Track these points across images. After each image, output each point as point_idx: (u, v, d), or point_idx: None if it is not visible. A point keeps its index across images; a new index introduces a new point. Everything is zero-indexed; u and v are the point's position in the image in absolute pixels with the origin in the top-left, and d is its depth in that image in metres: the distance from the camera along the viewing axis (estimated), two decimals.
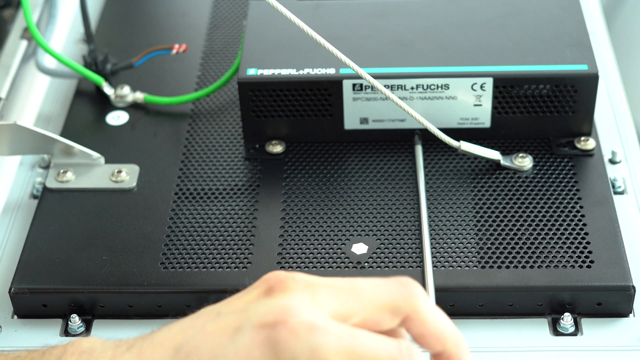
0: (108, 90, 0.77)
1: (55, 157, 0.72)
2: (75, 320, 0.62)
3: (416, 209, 0.67)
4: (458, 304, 0.62)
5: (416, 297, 0.48)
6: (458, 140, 0.69)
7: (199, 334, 0.47)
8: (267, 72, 0.70)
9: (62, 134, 0.74)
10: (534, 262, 0.62)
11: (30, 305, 0.63)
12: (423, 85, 0.69)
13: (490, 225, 0.65)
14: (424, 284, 0.61)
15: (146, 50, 0.78)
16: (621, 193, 0.70)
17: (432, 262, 0.63)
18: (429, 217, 0.66)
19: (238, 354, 0.46)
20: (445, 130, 0.69)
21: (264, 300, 0.47)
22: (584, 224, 0.65)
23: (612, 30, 1.01)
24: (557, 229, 0.65)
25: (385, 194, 0.68)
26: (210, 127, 0.75)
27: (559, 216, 0.66)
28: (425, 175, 0.69)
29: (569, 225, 0.65)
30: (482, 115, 0.71)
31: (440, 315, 0.49)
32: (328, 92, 0.70)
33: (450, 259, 0.63)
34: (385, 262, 0.63)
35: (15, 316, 0.64)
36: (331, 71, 0.70)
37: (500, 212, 0.66)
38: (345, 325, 0.47)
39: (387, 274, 0.59)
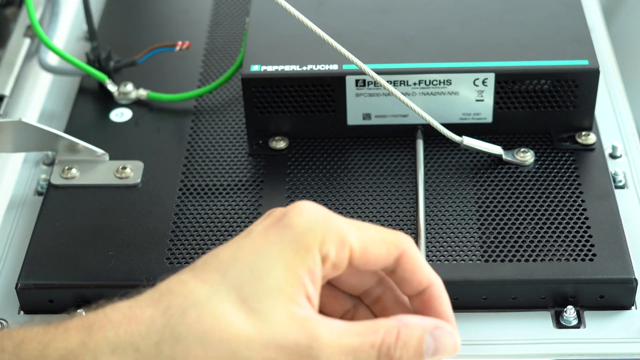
0: (111, 87, 0.77)
1: (59, 153, 0.72)
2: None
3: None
4: (462, 297, 0.62)
5: (410, 240, 0.50)
6: (460, 135, 0.69)
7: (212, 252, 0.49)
8: (270, 68, 0.70)
9: (66, 131, 0.74)
10: (537, 255, 0.63)
11: (37, 300, 0.64)
12: (425, 81, 0.70)
13: (493, 220, 0.66)
14: None
15: (149, 48, 0.78)
16: (622, 187, 0.70)
17: (437, 257, 0.63)
18: (432, 211, 0.67)
19: (255, 242, 0.48)
20: (448, 126, 0.69)
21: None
22: (586, 218, 0.65)
23: (613, 26, 1.02)
24: (559, 223, 0.65)
25: (389, 189, 0.68)
26: (213, 124, 0.75)
27: (561, 210, 0.66)
28: (429, 170, 0.70)
29: (570, 219, 0.65)
30: (484, 110, 0.71)
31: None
32: (331, 88, 0.70)
33: (453, 252, 0.63)
34: None
35: (22, 311, 0.64)
36: (334, 67, 0.70)
37: (503, 206, 0.67)
38: None
39: None
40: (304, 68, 0.70)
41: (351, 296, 0.53)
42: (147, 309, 0.46)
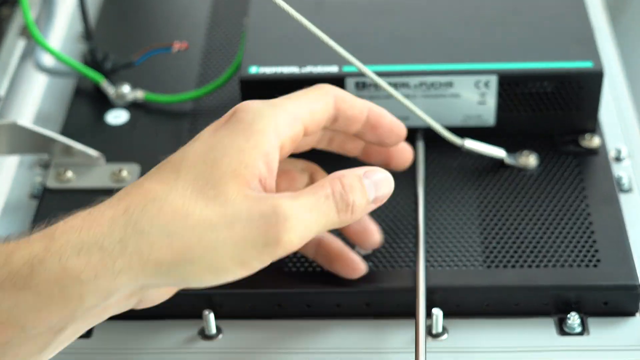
0: (108, 88, 0.77)
1: (55, 156, 0.71)
2: None
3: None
4: (464, 303, 0.61)
5: (331, 85, 0.57)
6: (462, 138, 0.68)
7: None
8: (269, 69, 0.69)
9: (62, 133, 0.74)
10: (540, 261, 0.62)
11: None
12: (426, 83, 0.69)
13: (495, 224, 0.65)
14: (415, 283, 0.60)
15: (146, 48, 0.77)
16: (626, 191, 0.69)
17: (438, 262, 0.62)
18: (434, 215, 0.66)
19: (205, 141, 0.51)
20: (449, 129, 0.68)
21: None
22: (590, 223, 0.64)
23: (618, 26, 1.01)
24: (563, 228, 0.64)
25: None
26: None
27: (565, 214, 0.65)
28: (430, 173, 0.69)
29: (574, 223, 0.65)
30: (486, 113, 0.70)
31: None
32: None
33: (455, 258, 0.63)
34: (383, 262, 0.63)
35: None
36: (334, 69, 0.69)
37: (505, 210, 0.66)
38: None
39: (384, 273, 0.61)
40: (303, 70, 0.69)
41: (304, 173, 0.61)
42: (106, 211, 0.48)
